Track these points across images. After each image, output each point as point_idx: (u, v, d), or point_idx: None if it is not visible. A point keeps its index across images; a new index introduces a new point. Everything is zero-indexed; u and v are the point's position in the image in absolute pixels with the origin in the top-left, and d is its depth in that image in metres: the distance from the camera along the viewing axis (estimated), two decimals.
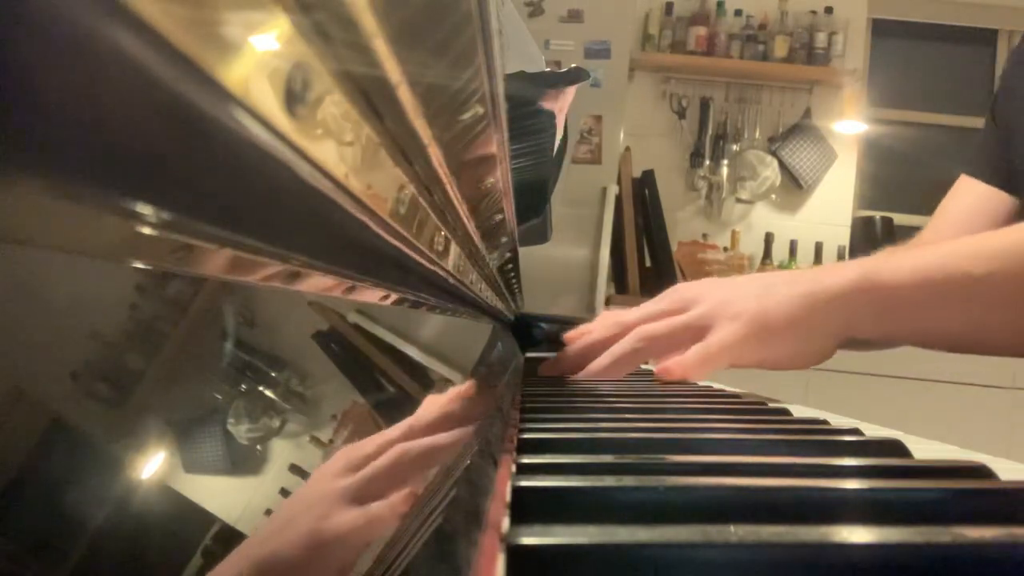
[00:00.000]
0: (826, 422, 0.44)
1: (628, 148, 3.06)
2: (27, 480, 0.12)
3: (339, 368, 0.28)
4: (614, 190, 2.80)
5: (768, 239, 3.19)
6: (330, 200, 0.18)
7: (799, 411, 0.51)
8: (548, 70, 0.94)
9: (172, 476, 0.16)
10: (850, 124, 3.24)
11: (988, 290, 0.59)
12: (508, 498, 0.22)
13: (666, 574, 0.19)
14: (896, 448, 0.34)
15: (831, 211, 3.25)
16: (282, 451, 0.21)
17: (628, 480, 0.24)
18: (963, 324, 0.62)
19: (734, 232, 3.21)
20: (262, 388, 0.21)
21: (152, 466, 0.15)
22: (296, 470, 0.21)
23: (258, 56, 0.12)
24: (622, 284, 2.92)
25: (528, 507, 0.22)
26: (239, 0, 0.12)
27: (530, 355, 1.04)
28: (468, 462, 0.25)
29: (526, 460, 0.28)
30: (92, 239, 0.11)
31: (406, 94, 0.20)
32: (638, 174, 3.07)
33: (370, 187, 0.20)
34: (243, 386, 0.21)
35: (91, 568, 0.13)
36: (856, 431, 0.39)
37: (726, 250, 3.16)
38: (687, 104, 3.24)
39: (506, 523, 0.20)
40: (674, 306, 0.70)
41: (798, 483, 0.25)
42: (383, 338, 0.34)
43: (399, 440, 0.26)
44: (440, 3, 0.22)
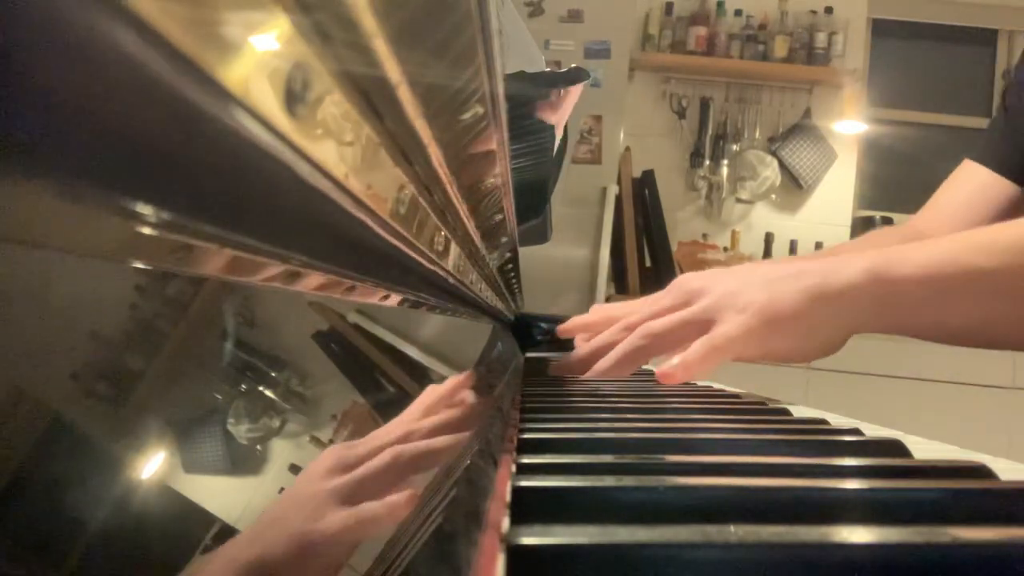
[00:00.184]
0: (826, 422, 0.44)
1: (628, 148, 3.06)
2: (27, 480, 0.12)
3: (339, 368, 0.28)
4: (614, 190, 2.80)
5: (768, 239, 3.19)
6: (330, 200, 0.18)
7: (799, 411, 0.51)
8: (548, 70, 0.94)
9: (172, 476, 0.16)
10: (850, 124, 3.24)
11: (998, 283, 0.59)
12: (508, 498, 0.22)
13: (666, 574, 0.19)
14: (896, 448, 0.34)
15: (831, 211, 3.25)
16: (282, 451, 0.21)
17: (628, 480, 0.24)
18: (972, 318, 0.62)
19: (734, 232, 3.21)
20: (262, 388, 0.21)
21: (152, 466, 0.15)
22: (296, 470, 0.21)
23: (258, 56, 0.12)
24: (622, 284, 2.92)
25: (528, 507, 0.22)
26: (239, 0, 0.12)
27: (530, 355, 1.04)
28: (468, 462, 0.25)
29: (526, 460, 0.28)
30: (92, 239, 0.11)
31: (406, 94, 0.20)
32: (638, 174, 3.07)
33: (370, 187, 0.20)
34: (243, 386, 0.21)
35: (91, 568, 0.13)
36: (856, 431, 0.39)
37: (726, 250, 3.16)
38: (687, 104, 3.24)
39: (506, 523, 0.20)
40: (678, 300, 0.69)
41: (798, 483, 0.25)
42: (383, 338, 0.34)
43: (394, 438, 0.26)
44: (440, 3, 0.22)
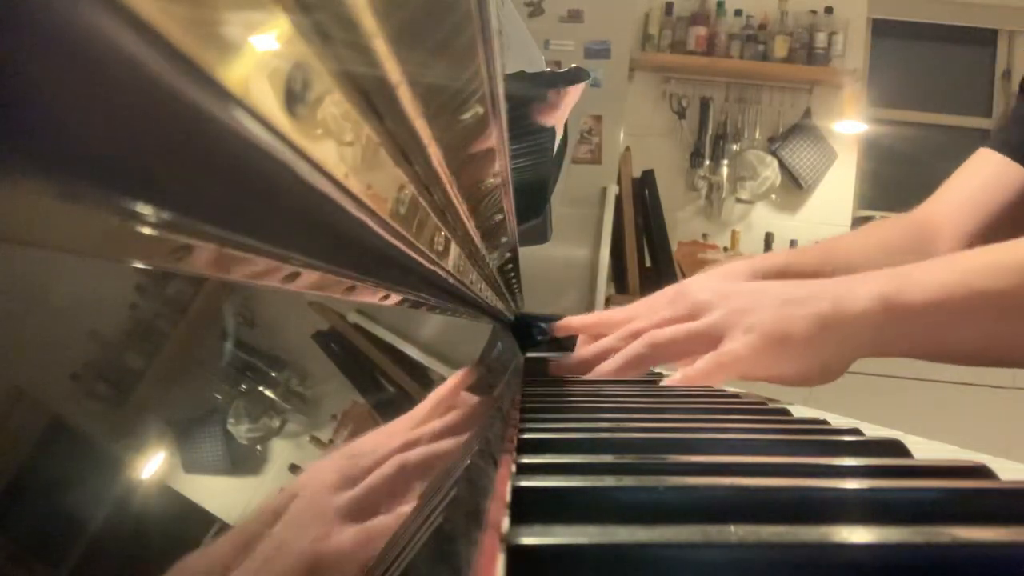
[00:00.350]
0: (826, 422, 0.44)
1: (628, 148, 3.06)
2: (27, 480, 0.12)
3: (339, 368, 0.28)
4: (614, 190, 2.81)
5: (768, 239, 3.19)
6: (330, 200, 0.18)
7: (799, 411, 0.51)
8: (548, 70, 0.94)
9: (172, 476, 0.16)
10: (850, 124, 3.24)
11: (1006, 304, 0.60)
12: (508, 498, 0.22)
13: (666, 574, 0.19)
14: (896, 448, 0.34)
15: (831, 211, 3.25)
16: (282, 451, 0.21)
17: (628, 480, 0.24)
18: (985, 339, 0.62)
19: (734, 232, 3.21)
20: (262, 388, 0.21)
21: (152, 466, 0.15)
22: (296, 470, 0.21)
23: (258, 56, 0.12)
24: (622, 284, 2.92)
25: (528, 507, 0.22)
26: (239, 0, 0.12)
27: (530, 355, 1.04)
28: (468, 462, 0.25)
29: (526, 460, 0.28)
30: (92, 239, 0.11)
31: (406, 94, 0.20)
32: (638, 174, 3.07)
33: (370, 187, 0.20)
34: (243, 386, 0.21)
35: (91, 568, 0.13)
36: (856, 431, 0.39)
37: (726, 250, 3.16)
38: (687, 104, 3.24)
39: (506, 523, 0.20)
40: (683, 311, 0.69)
41: (798, 483, 0.25)
42: (383, 338, 0.34)
43: (397, 444, 0.26)
44: (440, 3, 0.22)
